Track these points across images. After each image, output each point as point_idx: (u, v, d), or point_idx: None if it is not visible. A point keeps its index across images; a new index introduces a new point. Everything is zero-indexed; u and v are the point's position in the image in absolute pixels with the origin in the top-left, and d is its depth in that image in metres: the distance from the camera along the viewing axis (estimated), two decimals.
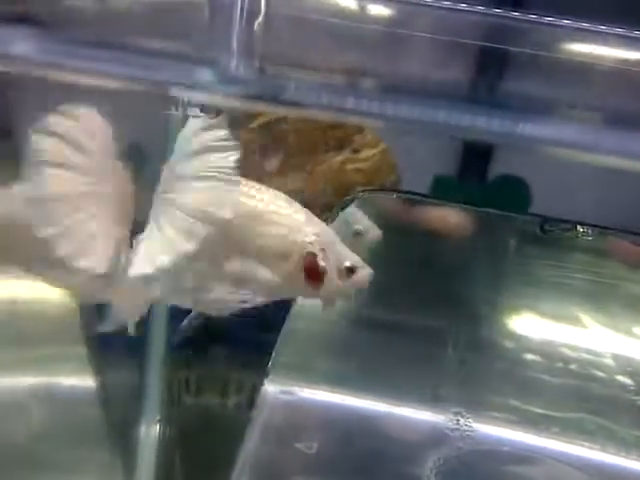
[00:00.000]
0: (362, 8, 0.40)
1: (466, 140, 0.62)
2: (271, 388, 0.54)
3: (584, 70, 0.40)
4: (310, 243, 0.34)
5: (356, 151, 0.61)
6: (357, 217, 0.53)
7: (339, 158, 0.60)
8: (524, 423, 0.56)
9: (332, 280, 0.34)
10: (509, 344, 0.60)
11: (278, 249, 0.34)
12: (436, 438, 0.52)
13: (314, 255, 0.34)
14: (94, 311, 0.38)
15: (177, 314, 0.47)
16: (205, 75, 0.38)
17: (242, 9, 0.39)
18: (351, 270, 0.35)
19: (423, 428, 0.52)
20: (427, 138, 0.51)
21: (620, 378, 0.58)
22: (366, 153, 0.61)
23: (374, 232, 0.53)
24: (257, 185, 0.35)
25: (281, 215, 0.34)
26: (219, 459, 0.48)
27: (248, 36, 0.39)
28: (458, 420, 0.52)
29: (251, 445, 0.51)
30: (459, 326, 0.57)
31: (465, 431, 0.54)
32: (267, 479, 0.50)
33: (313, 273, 0.34)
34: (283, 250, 0.34)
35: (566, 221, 0.54)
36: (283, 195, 0.36)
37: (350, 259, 0.35)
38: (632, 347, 0.59)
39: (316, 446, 0.51)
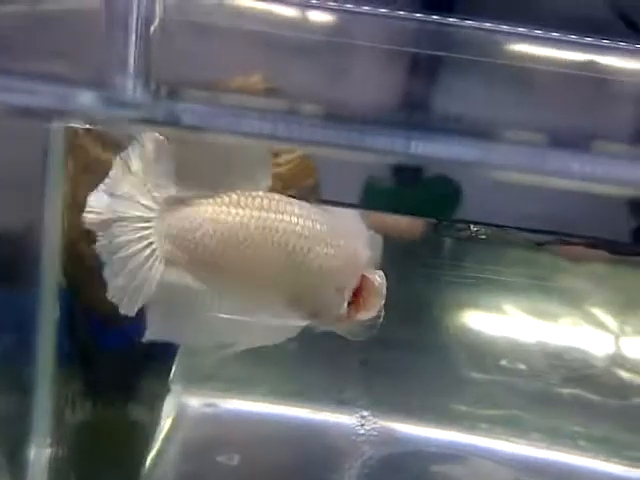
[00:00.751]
0: (281, 16, 0.39)
1: None
2: (191, 401, 0.53)
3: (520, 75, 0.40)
4: (368, 264, 0.33)
5: (276, 155, 0.60)
6: None
7: None
8: (450, 422, 0.56)
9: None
10: (440, 342, 0.60)
11: (339, 270, 0.33)
12: (358, 442, 0.51)
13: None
14: None
15: (65, 328, 0.46)
16: (91, 99, 0.37)
17: (138, 23, 0.38)
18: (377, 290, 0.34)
19: (344, 433, 0.52)
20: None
21: (549, 371, 0.58)
22: (284, 157, 0.60)
23: None
24: (304, 203, 0.33)
25: (339, 237, 0.33)
26: (120, 475, 0.47)
27: (145, 55, 0.38)
28: (377, 423, 0.52)
29: (171, 460, 0.50)
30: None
31: (388, 433, 0.54)
32: None
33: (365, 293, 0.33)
34: (344, 270, 0.33)
35: (459, 221, 0.54)
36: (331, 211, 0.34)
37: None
38: (561, 340, 0.60)
39: (237, 458, 0.50)
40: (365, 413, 0.52)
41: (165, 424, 0.52)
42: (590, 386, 0.58)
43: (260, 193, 0.32)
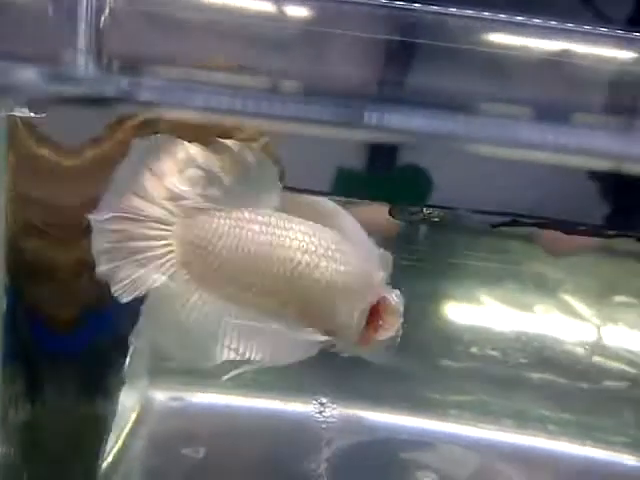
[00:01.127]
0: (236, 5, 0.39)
1: None
2: (157, 395, 0.53)
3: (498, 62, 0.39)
4: (380, 279, 0.34)
5: (227, 132, 0.60)
6: None
7: None
8: (419, 409, 0.55)
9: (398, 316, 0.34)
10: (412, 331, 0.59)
11: (348, 285, 0.33)
12: (326, 432, 0.51)
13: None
14: None
15: (8, 326, 0.45)
16: (38, 74, 0.36)
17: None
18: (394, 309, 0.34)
19: (312, 424, 0.51)
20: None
21: (519, 357, 0.59)
22: (238, 135, 0.60)
23: None
24: (313, 223, 0.34)
25: (351, 254, 0.34)
26: (75, 471, 0.46)
27: (95, 30, 0.37)
28: (343, 411, 0.52)
29: (136, 454, 0.50)
30: None
31: (358, 422, 0.53)
32: None
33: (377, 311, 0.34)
34: (354, 287, 0.33)
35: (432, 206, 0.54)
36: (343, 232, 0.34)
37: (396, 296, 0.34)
38: (532, 327, 0.60)
39: (203, 450, 0.49)
40: (325, 401, 0.52)
41: (129, 418, 0.51)
42: (561, 371, 0.58)
43: (269, 211, 0.34)
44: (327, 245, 0.33)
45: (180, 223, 0.33)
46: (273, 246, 0.33)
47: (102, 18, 0.38)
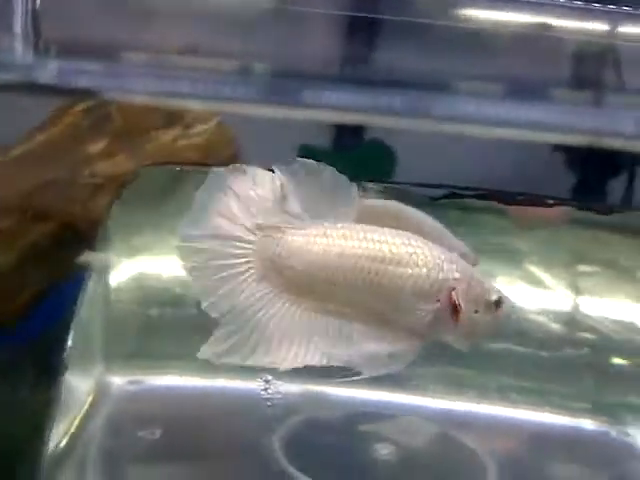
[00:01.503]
0: None
1: None
2: (114, 379, 0.53)
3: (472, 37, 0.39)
4: (455, 279, 0.34)
5: (188, 127, 0.59)
6: None
7: (170, 135, 0.58)
8: (377, 382, 0.56)
9: (476, 315, 0.34)
10: None
11: (419, 289, 0.34)
12: (279, 409, 0.51)
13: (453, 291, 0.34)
14: None
15: None
16: None
17: None
18: (498, 303, 0.34)
19: (261, 402, 0.52)
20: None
21: None
22: (199, 128, 0.59)
23: None
24: (388, 230, 0.35)
25: (419, 255, 0.34)
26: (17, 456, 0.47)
27: (32, 15, 0.36)
28: (301, 386, 0.52)
29: (91, 437, 0.50)
30: None
31: (317, 396, 0.54)
32: (109, 469, 0.49)
33: (455, 310, 0.34)
34: (425, 290, 0.34)
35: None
36: (412, 234, 0.35)
37: (495, 291, 0.34)
38: None
39: (159, 432, 0.50)
40: (271, 378, 0.52)
41: (85, 403, 0.51)
42: (522, 340, 0.59)
43: (344, 224, 0.35)
44: (403, 251, 0.35)
45: (259, 241, 0.35)
46: (347, 257, 0.35)
47: (38, 1, 0.37)
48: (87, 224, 0.55)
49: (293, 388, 0.54)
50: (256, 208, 0.35)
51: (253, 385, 0.50)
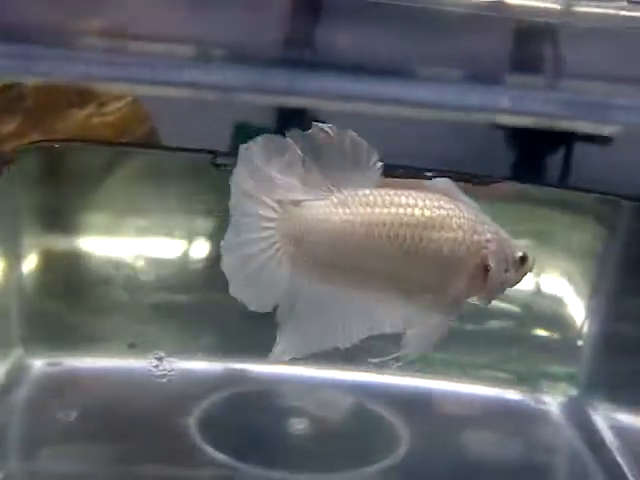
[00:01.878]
0: None
1: None
2: (34, 362, 0.53)
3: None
4: (488, 241, 0.33)
5: (102, 104, 0.58)
6: None
7: (83, 113, 0.57)
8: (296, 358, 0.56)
9: (505, 274, 0.33)
10: None
11: (456, 253, 0.33)
12: (200, 384, 0.52)
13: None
14: None
15: None
16: None
17: None
18: (523, 259, 0.33)
19: (190, 379, 0.52)
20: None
21: None
22: (113, 106, 0.58)
23: None
24: (414, 193, 0.33)
25: (452, 217, 0.33)
26: None
27: None
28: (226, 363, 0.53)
29: (7, 420, 0.50)
30: None
31: (235, 373, 0.54)
32: (25, 451, 0.49)
33: (485, 270, 0.33)
34: (462, 253, 0.33)
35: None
36: (442, 197, 0.33)
37: (520, 248, 0.33)
38: None
39: (75, 414, 0.50)
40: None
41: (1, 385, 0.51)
42: None
43: (367, 191, 0.33)
44: (436, 214, 0.33)
45: (280, 219, 0.33)
46: (374, 225, 0.33)
47: None
48: None
49: (216, 366, 0.54)
50: (274, 183, 0.33)
51: (154, 365, 0.50)
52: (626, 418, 0.58)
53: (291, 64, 0.45)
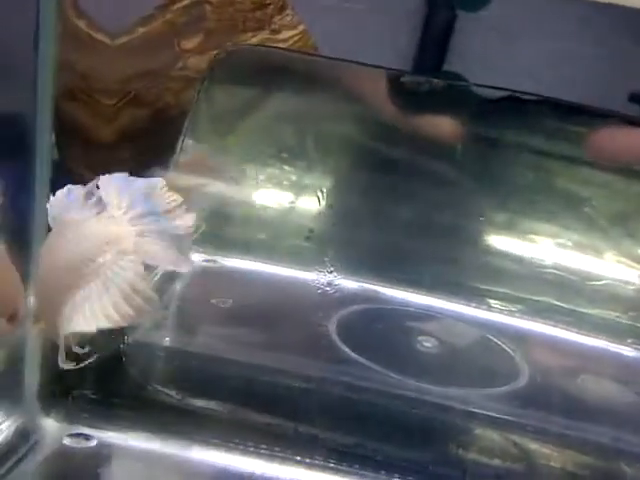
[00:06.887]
0: None
1: None
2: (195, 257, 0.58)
3: None
4: None
5: (275, 32, 0.63)
6: None
7: (257, 38, 0.62)
8: (428, 288, 0.60)
9: None
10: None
11: None
12: (338, 299, 0.56)
13: None
14: None
15: None
16: None
17: None
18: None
19: (323, 290, 0.57)
20: None
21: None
22: (285, 34, 0.63)
23: None
24: None
25: None
26: None
27: None
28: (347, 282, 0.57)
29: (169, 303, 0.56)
30: None
31: (368, 292, 0.58)
32: (186, 328, 0.54)
33: None
34: None
35: None
36: None
37: None
38: None
39: (230, 302, 0.55)
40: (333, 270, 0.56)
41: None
42: None
43: None
44: None
45: None
46: None
47: None
48: (178, 113, 0.60)
49: (350, 283, 0.58)
50: None
51: (315, 276, 0.54)
52: None
53: None
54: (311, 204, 0.61)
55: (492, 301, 0.60)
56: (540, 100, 0.51)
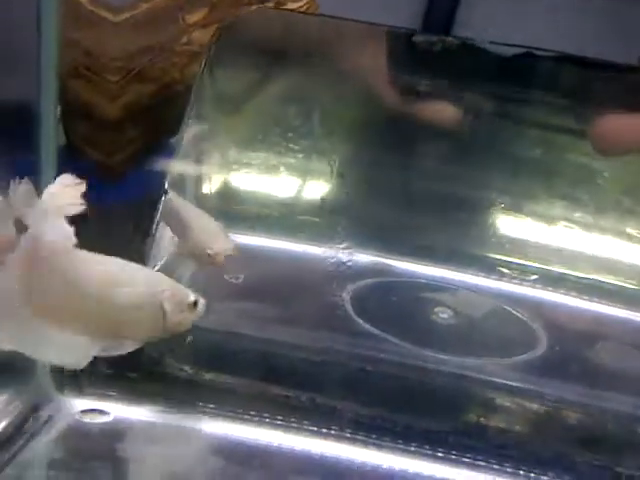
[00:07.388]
0: None
1: None
2: None
3: None
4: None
5: (280, 3, 0.62)
6: None
7: None
8: (442, 261, 0.59)
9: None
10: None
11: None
12: (352, 272, 0.56)
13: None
14: None
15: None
16: None
17: None
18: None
19: (338, 264, 0.56)
20: None
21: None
22: (292, 5, 0.62)
23: None
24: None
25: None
26: None
27: None
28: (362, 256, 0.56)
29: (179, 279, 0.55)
30: None
31: (381, 265, 0.58)
32: None
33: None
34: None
35: None
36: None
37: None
38: None
39: (242, 277, 0.55)
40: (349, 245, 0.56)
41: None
42: None
43: None
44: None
45: None
46: None
47: None
48: (183, 88, 0.59)
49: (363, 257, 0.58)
50: None
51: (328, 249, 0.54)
52: None
53: None
54: (322, 175, 0.60)
55: (507, 271, 0.60)
56: (557, 57, 0.50)
